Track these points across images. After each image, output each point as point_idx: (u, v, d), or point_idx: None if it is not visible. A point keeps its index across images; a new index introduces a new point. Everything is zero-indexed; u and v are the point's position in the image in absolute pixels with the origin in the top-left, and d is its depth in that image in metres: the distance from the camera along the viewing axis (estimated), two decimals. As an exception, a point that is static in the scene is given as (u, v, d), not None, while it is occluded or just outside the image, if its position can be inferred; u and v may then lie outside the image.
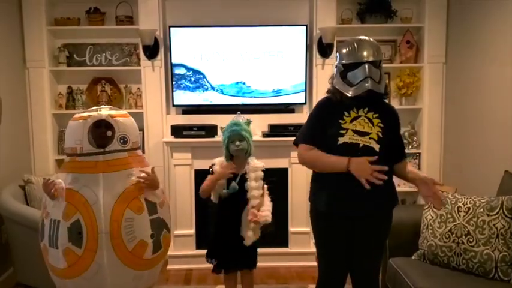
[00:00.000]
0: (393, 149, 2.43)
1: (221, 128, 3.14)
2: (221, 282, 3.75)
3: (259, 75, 4.37)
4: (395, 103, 4.54)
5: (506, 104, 3.35)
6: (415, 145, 4.49)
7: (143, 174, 2.54)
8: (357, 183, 2.24)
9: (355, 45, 2.33)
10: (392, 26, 4.46)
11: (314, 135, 2.42)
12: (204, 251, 3.12)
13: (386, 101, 2.55)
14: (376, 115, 2.39)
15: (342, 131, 2.33)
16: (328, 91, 2.49)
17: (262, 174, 3.01)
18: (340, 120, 2.35)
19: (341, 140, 2.32)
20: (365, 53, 2.30)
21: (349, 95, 2.32)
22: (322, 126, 2.39)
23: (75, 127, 2.54)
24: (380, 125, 2.37)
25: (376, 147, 2.32)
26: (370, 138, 2.33)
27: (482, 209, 2.68)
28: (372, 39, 2.38)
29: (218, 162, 3.04)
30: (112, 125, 2.54)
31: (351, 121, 2.35)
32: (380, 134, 2.35)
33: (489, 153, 3.58)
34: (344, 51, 2.36)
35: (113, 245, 2.41)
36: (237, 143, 2.94)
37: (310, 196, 2.55)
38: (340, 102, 2.39)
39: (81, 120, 2.53)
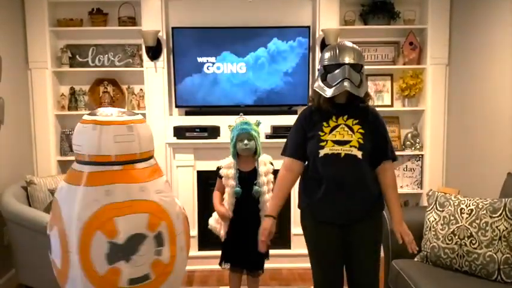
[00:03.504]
0: (378, 152, 2.43)
1: (229, 126, 3.15)
2: (224, 283, 3.76)
3: (261, 77, 4.37)
4: (398, 105, 4.54)
5: (509, 106, 3.34)
6: (418, 147, 4.48)
7: None
8: (340, 192, 2.35)
9: (337, 49, 2.36)
10: (395, 27, 4.46)
11: (297, 147, 2.48)
12: (207, 253, 3.13)
13: (371, 103, 2.52)
14: (356, 121, 2.39)
15: (321, 143, 2.36)
16: (310, 98, 2.53)
17: (271, 167, 3.06)
18: (319, 132, 2.38)
19: (322, 153, 2.35)
20: (346, 56, 2.33)
21: (327, 96, 2.34)
22: (303, 137, 2.45)
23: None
24: (360, 131, 2.37)
25: (359, 154, 2.33)
26: (351, 146, 2.34)
27: (485, 211, 2.67)
28: (354, 45, 2.41)
29: (225, 166, 3.04)
30: None
31: (330, 131, 2.37)
32: (361, 141, 2.35)
33: (492, 155, 3.57)
34: (326, 54, 2.40)
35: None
36: (245, 141, 2.96)
37: (298, 204, 2.60)
38: (320, 111, 2.41)
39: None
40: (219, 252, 3.12)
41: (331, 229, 2.43)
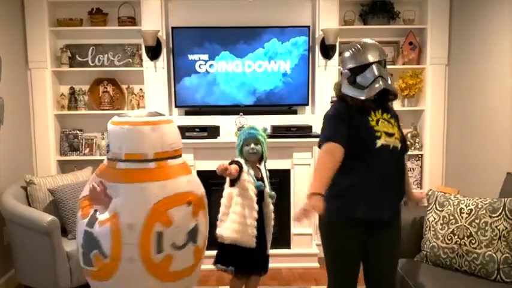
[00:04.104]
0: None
1: (236, 132, 3.14)
2: (223, 283, 3.76)
3: (261, 76, 4.37)
4: (397, 104, 4.54)
5: (508, 106, 3.34)
6: (418, 146, 4.49)
7: (91, 186, 2.35)
8: (388, 185, 2.31)
9: (360, 48, 2.30)
10: (394, 27, 4.47)
11: (340, 134, 2.25)
12: (206, 253, 3.09)
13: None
14: (389, 115, 2.38)
15: (377, 133, 2.27)
16: (338, 98, 2.41)
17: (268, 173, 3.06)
18: (370, 123, 2.29)
19: (379, 143, 2.26)
20: (371, 54, 2.27)
21: (363, 98, 2.26)
22: (345, 128, 2.26)
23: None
24: (396, 124, 2.40)
25: (399, 146, 2.35)
26: (395, 138, 2.33)
27: (484, 211, 2.68)
28: (374, 41, 2.36)
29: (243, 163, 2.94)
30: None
31: (377, 123, 2.31)
32: (399, 134, 2.37)
33: (491, 155, 3.57)
34: (348, 55, 2.33)
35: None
36: (252, 145, 2.93)
37: (324, 214, 2.22)
38: (354, 108, 2.32)
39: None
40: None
41: (359, 233, 2.33)
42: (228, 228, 2.88)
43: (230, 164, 2.82)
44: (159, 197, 2.28)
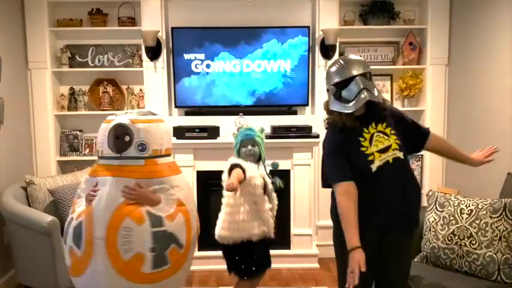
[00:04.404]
0: (413, 138, 2.46)
1: (233, 133, 3.11)
2: (223, 283, 3.76)
3: (261, 77, 4.37)
4: (397, 105, 4.54)
5: (508, 106, 3.34)
6: (418, 147, 4.48)
7: (128, 190, 2.39)
8: (400, 196, 2.31)
9: (343, 63, 2.32)
10: (395, 27, 4.46)
11: (344, 169, 2.30)
12: (207, 253, 3.10)
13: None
14: (385, 124, 2.37)
15: (369, 158, 2.28)
16: (327, 119, 2.44)
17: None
18: (361, 149, 2.30)
19: (374, 167, 2.27)
20: (354, 68, 2.29)
21: (349, 112, 2.28)
22: (344, 158, 2.31)
23: (101, 130, 2.50)
24: (393, 132, 2.36)
25: (401, 154, 2.33)
26: (393, 150, 2.32)
27: (485, 211, 2.67)
28: (356, 56, 2.38)
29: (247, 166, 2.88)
30: (130, 131, 2.43)
31: (370, 143, 2.31)
32: (398, 141, 2.34)
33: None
34: (332, 71, 2.34)
35: (107, 252, 2.31)
36: (249, 147, 2.89)
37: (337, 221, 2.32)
38: (347, 129, 2.32)
39: (106, 124, 2.49)
40: (219, 252, 3.07)
41: (372, 243, 2.30)
42: (228, 228, 2.84)
43: (231, 169, 2.77)
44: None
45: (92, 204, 2.36)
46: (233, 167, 2.78)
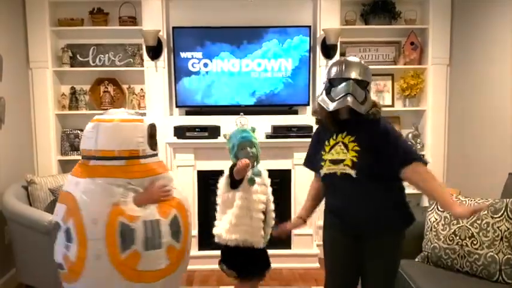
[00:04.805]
0: (386, 164, 2.28)
1: (224, 135, 3.00)
2: (223, 283, 3.76)
3: (262, 76, 4.37)
4: (398, 105, 4.54)
5: (510, 106, 3.34)
6: (419, 147, 4.47)
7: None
8: (343, 208, 2.39)
9: (344, 64, 2.32)
10: (396, 27, 4.46)
11: (310, 160, 2.57)
12: (206, 253, 3.10)
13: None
14: (353, 138, 2.32)
15: (322, 163, 2.39)
16: (314, 111, 2.53)
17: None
18: (321, 152, 2.41)
19: (322, 172, 2.39)
20: (352, 71, 2.29)
21: (329, 109, 2.31)
22: (315, 151, 2.51)
23: (132, 129, 2.50)
24: (356, 148, 2.30)
25: (352, 172, 2.26)
26: (344, 165, 2.29)
27: (486, 212, 2.67)
28: (361, 61, 2.36)
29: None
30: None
31: (329, 150, 2.37)
32: (355, 159, 2.28)
33: (493, 155, 3.56)
34: (333, 68, 2.36)
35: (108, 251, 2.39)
36: (248, 149, 2.80)
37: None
38: (325, 127, 2.43)
39: (138, 123, 2.53)
40: (219, 252, 3.07)
41: (343, 237, 2.42)
42: (234, 231, 2.77)
43: (232, 168, 2.74)
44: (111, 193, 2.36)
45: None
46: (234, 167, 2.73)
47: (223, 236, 2.76)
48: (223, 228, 2.77)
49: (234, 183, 2.74)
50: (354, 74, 2.28)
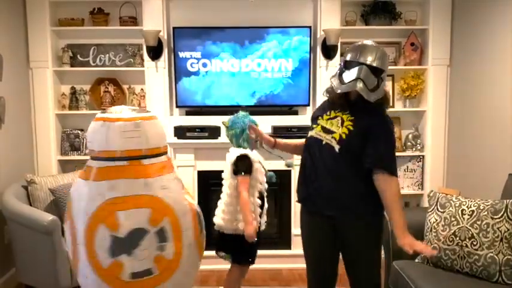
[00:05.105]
0: (363, 156, 2.32)
1: (223, 122, 2.95)
2: (223, 283, 3.76)
3: (262, 77, 4.37)
4: (399, 105, 4.54)
5: (510, 107, 3.34)
6: (419, 147, 4.48)
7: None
8: (319, 179, 2.39)
9: (360, 47, 2.34)
10: (396, 28, 4.46)
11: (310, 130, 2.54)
12: (206, 253, 3.07)
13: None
14: (352, 118, 2.36)
15: (314, 125, 2.47)
16: (326, 90, 2.54)
17: None
18: (319, 117, 2.46)
19: (309, 134, 2.46)
20: (367, 56, 2.29)
21: (337, 91, 2.35)
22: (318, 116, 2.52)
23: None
24: (349, 127, 2.33)
25: (336, 147, 2.32)
26: (332, 137, 2.35)
27: (486, 212, 2.67)
28: (381, 47, 2.36)
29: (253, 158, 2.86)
30: None
31: (328, 119, 2.42)
32: (344, 136, 2.32)
33: (493, 155, 3.56)
34: (351, 49, 2.39)
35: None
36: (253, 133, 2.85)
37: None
38: (333, 103, 2.46)
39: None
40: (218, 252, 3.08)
41: (320, 222, 2.45)
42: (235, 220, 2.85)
43: (237, 161, 2.78)
44: (106, 197, 2.24)
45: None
46: (240, 158, 2.78)
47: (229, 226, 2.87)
48: (227, 218, 2.88)
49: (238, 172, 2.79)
50: (369, 60, 2.28)
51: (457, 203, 2.83)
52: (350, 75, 2.30)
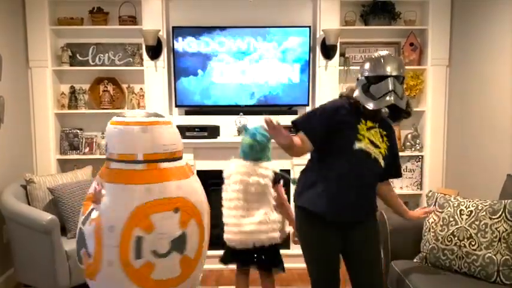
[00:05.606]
0: (389, 166, 2.46)
1: (255, 141, 2.98)
2: (223, 283, 3.77)
3: (262, 76, 4.37)
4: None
5: (509, 107, 3.34)
6: (418, 148, 4.48)
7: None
8: (353, 191, 2.35)
9: (381, 59, 2.32)
10: (395, 28, 4.46)
11: (316, 131, 2.36)
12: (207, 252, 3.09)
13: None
14: (385, 133, 2.42)
15: (359, 136, 2.32)
16: (341, 97, 2.48)
17: None
18: (358, 126, 2.34)
19: (357, 145, 2.30)
20: (390, 67, 2.28)
21: (370, 108, 2.29)
22: (328, 126, 2.32)
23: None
24: (387, 143, 2.41)
25: (382, 162, 2.36)
26: (379, 152, 2.36)
27: (484, 213, 2.67)
28: (397, 56, 2.38)
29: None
30: None
31: (367, 129, 2.36)
32: (386, 151, 2.39)
33: (492, 156, 3.57)
34: (368, 64, 2.35)
35: (121, 260, 2.31)
36: None
37: (298, 197, 2.52)
38: (351, 111, 2.37)
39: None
40: (218, 252, 3.09)
41: (332, 230, 2.41)
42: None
43: (277, 181, 2.94)
44: (142, 200, 2.26)
45: (99, 210, 2.33)
46: (279, 180, 2.95)
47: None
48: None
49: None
50: (391, 70, 2.28)
51: (455, 203, 2.83)
52: (380, 89, 2.28)
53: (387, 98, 2.25)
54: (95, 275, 2.34)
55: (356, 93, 2.37)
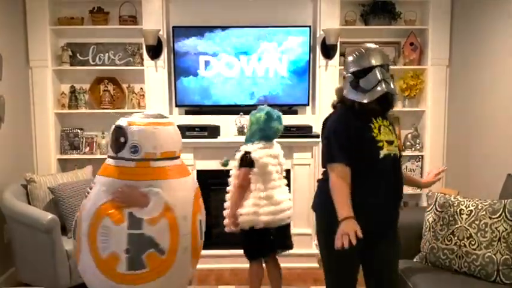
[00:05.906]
0: None
1: (252, 119, 3.25)
2: (223, 282, 3.77)
3: (262, 76, 4.37)
4: (398, 105, 4.53)
5: (509, 107, 3.34)
6: (418, 147, 4.48)
7: (119, 190, 2.40)
8: (394, 194, 2.37)
9: (363, 52, 2.29)
10: (396, 28, 4.46)
11: (348, 152, 2.25)
12: (206, 252, 3.11)
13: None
14: (388, 123, 2.38)
15: (379, 144, 2.27)
16: (342, 102, 2.39)
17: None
18: (372, 134, 2.28)
19: (382, 153, 2.26)
20: (374, 58, 2.26)
21: (365, 102, 2.26)
22: (351, 143, 2.25)
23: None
24: (393, 131, 2.40)
25: (398, 153, 2.36)
26: (395, 146, 2.34)
27: (484, 212, 2.67)
28: (377, 46, 2.36)
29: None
30: (125, 133, 2.43)
31: (379, 131, 2.30)
32: (398, 142, 2.38)
33: (492, 156, 3.57)
34: (351, 59, 2.32)
35: (90, 248, 2.40)
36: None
37: (325, 210, 2.34)
38: (356, 115, 2.30)
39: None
40: (218, 252, 3.10)
41: (360, 244, 2.16)
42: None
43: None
44: (194, 187, 2.65)
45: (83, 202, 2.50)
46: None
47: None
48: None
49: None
50: (375, 60, 2.26)
51: (455, 202, 2.84)
52: (369, 81, 2.24)
53: (378, 88, 2.23)
54: (166, 271, 2.43)
55: (347, 93, 2.33)
